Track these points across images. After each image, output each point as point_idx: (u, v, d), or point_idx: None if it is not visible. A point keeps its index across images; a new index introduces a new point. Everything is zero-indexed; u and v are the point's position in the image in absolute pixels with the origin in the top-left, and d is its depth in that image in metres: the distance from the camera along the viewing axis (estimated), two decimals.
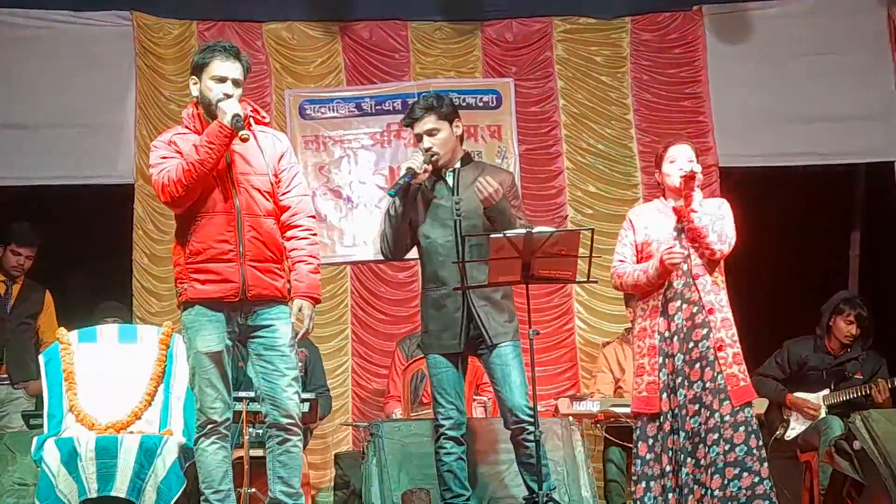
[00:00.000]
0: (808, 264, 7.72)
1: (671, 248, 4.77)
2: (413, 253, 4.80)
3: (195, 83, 4.47)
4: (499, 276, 4.70)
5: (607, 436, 6.18)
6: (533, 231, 4.59)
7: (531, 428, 4.78)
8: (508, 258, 4.61)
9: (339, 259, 7.75)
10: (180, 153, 4.36)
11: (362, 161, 7.83)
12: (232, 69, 4.42)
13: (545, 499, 4.65)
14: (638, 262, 4.94)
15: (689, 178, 4.76)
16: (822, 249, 7.81)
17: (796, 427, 6.31)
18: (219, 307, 4.36)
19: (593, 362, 7.17)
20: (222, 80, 4.40)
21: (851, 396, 6.18)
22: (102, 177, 7.56)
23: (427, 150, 4.94)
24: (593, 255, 4.60)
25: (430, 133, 4.97)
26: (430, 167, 4.94)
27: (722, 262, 4.86)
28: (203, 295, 4.35)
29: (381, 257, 7.47)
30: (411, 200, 4.97)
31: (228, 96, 4.37)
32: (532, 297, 5.52)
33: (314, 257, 4.54)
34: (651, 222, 4.94)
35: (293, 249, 4.51)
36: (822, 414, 6.22)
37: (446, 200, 4.98)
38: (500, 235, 4.59)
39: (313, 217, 4.65)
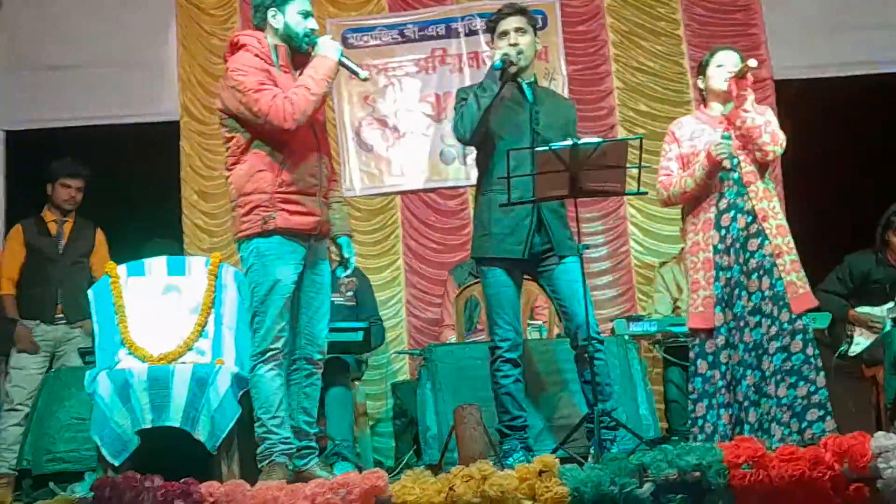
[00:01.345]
0: (869, 176, 7.50)
1: (720, 143, 4.64)
2: (460, 180, 4.75)
3: (274, 15, 4.50)
4: (546, 191, 4.59)
5: (667, 356, 6.08)
6: (579, 143, 4.46)
7: (599, 346, 4.71)
8: (555, 171, 4.50)
9: (388, 189, 7.69)
10: (276, 83, 4.38)
11: (407, 89, 7.74)
12: (310, 4, 4.56)
13: (601, 415, 4.57)
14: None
15: (741, 76, 4.61)
16: (882, 160, 7.56)
17: (861, 342, 6.17)
18: (299, 239, 4.44)
19: (650, 284, 7.05)
20: (308, 14, 4.50)
21: None
22: (148, 115, 7.54)
23: (514, 44, 4.84)
24: (643, 164, 4.48)
25: (519, 31, 4.87)
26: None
27: (774, 169, 4.71)
28: (290, 225, 4.41)
29: (430, 185, 7.65)
30: (501, 90, 4.82)
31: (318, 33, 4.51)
32: (585, 220, 5.47)
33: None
34: (696, 132, 4.80)
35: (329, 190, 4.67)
36: (887, 327, 6.07)
37: (524, 109, 4.86)
38: (546, 149, 4.47)
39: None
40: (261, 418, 4.44)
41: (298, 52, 4.54)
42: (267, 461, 4.40)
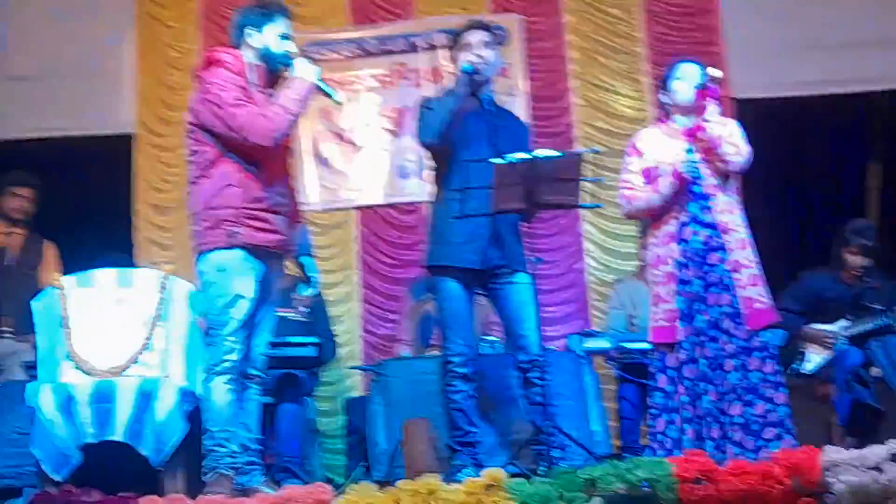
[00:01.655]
0: (826, 197, 7.54)
1: (686, 162, 4.63)
2: (418, 196, 4.71)
3: (251, 35, 4.49)
4: (501, 204, 4.55)
5: (621, 373, 6.04)
6: (537, 155, 4.44)
7: (542, 366, 4.67)
8: (512, 184, 4.47)
9: (345, 203, 7.62)
10: (252, 102, 4.37)
11: (366, 103, 7.67)
12: (289, 27, 4.57)
13: (550, 432, 4.52)
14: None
15: (704, 87, 4.60)
16: (839, 181, 7.61)
17: (813, 359, 6.16)
18: (261, 257, 4.42)
19: (605, 301, 7.02)
20: (286, 36, 4.51)
21: (870, 326, 6.01)
22: (102, 127, 7.45)
23: (479, 56, 4.83)
24: (599, 178, 4.47)
25: (484, 44, 4.87)
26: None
27: (738, 181, 4.69)
28: (254, 241, 4.38)
29: (388, 201, 7.59)
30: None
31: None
32: (540, 236, 5.43)
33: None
34: (659, 145, 4.78)
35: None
36: (840, 345, 6.06)
37: (484, 121, 4.86)
38: (503, 161, 4.44)
39: None
40: (210, 430, 4.37)
41: (273, 72, 4.55)
42: (213, 472, 4.30)
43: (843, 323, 6.11)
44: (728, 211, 4.68)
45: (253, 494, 3.85)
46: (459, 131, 4.81)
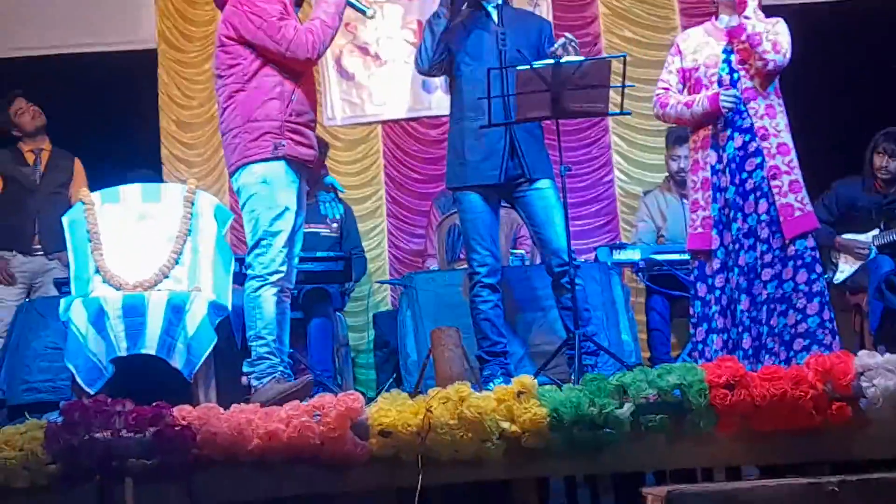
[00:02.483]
0: (860, 105, 7.38)
1: (729, 90, 4.53)
2: (442, 109, 4.69)
3: None
4: (527, 112, 4.51)
5: (650, 284, 6.01)
6: (561, 61, 4.37)
7: (574, 271, 4.65)
8: (537, 91, 4.41)
9: (370, 118, 7.57)
10: (292, 17, 4.46)
11: (389, 15, 7.58)
12: None
13: (582, 339, 4.52)
14: (684, 89, 4.71)
15: None
16: (875, 89, 7.44)
17: (846, 269, 6.10)
18: (300, 170, 4.50)
19: (634, 213, 6.98)
20: None
21: None
22: (124, 43, 7.40)
23: None
24: (627, 84, 4.40)
25: None
26: None
27: (778, 83, 4.60)
28: (297, 154, 4.46)
29: (412, 115, 7.54)
30: (455, 16, 4.76)
31: None
32: (569, 149, 5.39)
33: None
34: (700, 45, 4.69)
35: None
36: (872, 254, 6.01)
37: (489, 31, 4.78)
38: (527, 67, 4.38)
39: None
40: (264, 338, 4.46)
41: None
42: (269, 377, 4.41)
43: (874, 232, 6.05)
44: (768, 115, 4.59)
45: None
46: (462, 46, 4.78)
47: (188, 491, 3.54)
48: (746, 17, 4.53)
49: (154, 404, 3.65)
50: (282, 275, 4.47)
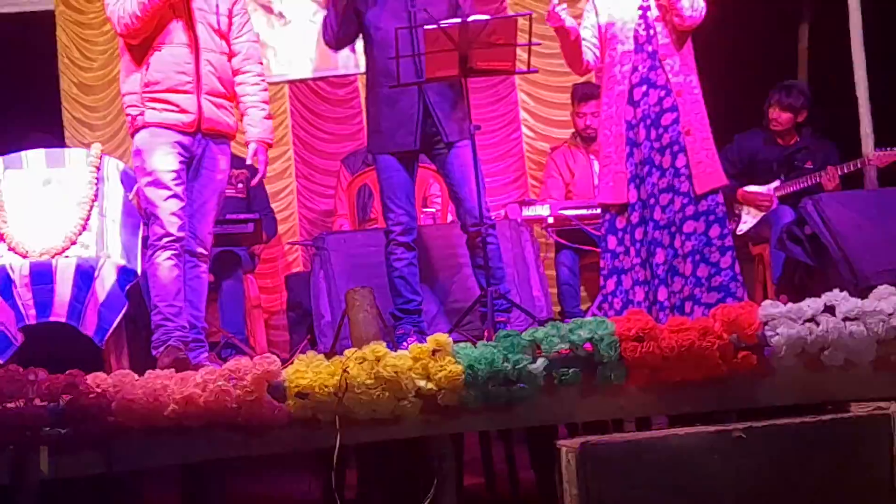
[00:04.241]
0: (758, 59, 7.52)
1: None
2: (352, 68, 4.69)
3: None
4: (436, 71, 4.52)
5: (558, 239, 6.09)
6: (468, 20, 4.39)
7: (491, 230, 4.73)
8: (445, 51, 4.43)
9: (276, 78, 7.44)
10: None
11: None
12: None
13: (496, 296, 4.57)
14: (601, 47, 4.76)
15: None
16: (770, 44, 7.59)
17: (748, 221, 6.25)
18: (175, 132, 4.50)
19: (542, 170, 7.04)
20: None
21: (802, 186, 6.11)
22: (21, 3, 7.20)
23: None
24: (533, 42, 4.43)
25: None
26: None
27: (691, 42, 4.68)
28: (160, 121, 4.48)
29: (319, 74, 7.49)
30: None
31: None
32: (476, 106, 5.40)
33: (266, 103, 4.80)
34: (615, 1, 4.73)
35: (245, 95, 4.73)
36: (774, 205, 6.16)
37: None
38: (434, 27, 4.38)
39: (262, 64, 4.85)
40: (157, 306, 4.49)
41: None
42: (163, 346, 4.42)
43: (775, 184, 6.20)
44: (683, 72, 4.67)
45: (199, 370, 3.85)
46: (372, 12, 4.76)
47: (105, 458, 3.52)
48: None
49: (67, 373, 3.61)
50: (173, 238, 4.49)
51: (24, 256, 4.75)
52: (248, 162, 4.78)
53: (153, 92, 4.50)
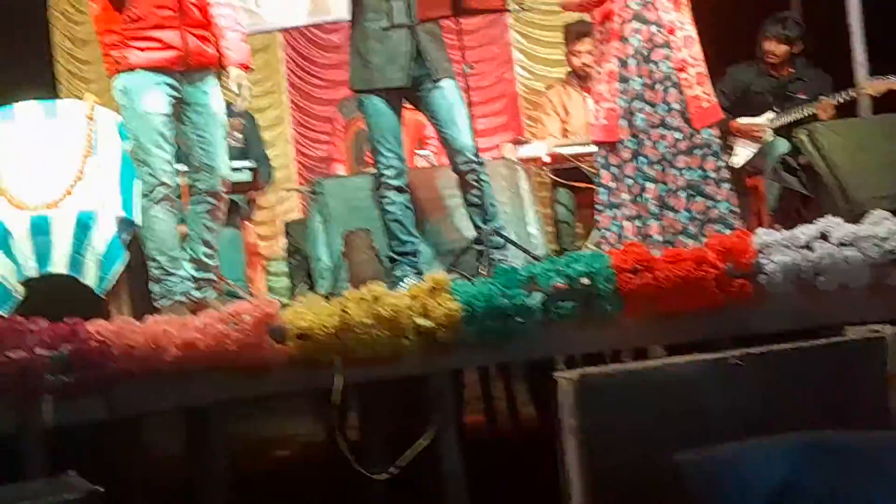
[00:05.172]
0: None
1: None
2: (345, 14, 4.59)
3: None
4: (428, 12, 4.51)
5: (554, 177, 6.10)
6: None
7: (479, 168, 4.70)
8: None
9: (269, 26, 7.46)
10: None
11: None
12: None
13: (490, 233, 4.59)
14: None
15: None
16: None
17: (743, 153, 6.25)
18: (164, 72, 4.35)
19: (536, 109, 7.03)
20: None
21: (796, 117, 6.09)
22: None
23: None
24: None
25: None
26: None
27: None
28: (145, 61, 4.32)
29: (312, 20, 7.46)
30: None
31: None
32: (469, 47, 5.38)
33: (241, 24, 4.59)
34: None
35: (220, 17, 4.50)
36: (769, 137, 6.16)
37: None
38: None
39: None
40: (157, 259, 4.44)
41: None
42: (168, 301, 4.40)
43: (769, 115, 6.20)
44: (674, 9, 4.65)
45: (203, 310, 3.88)
46: None
47: (107, 404, 3.55)
48: None
49: (68, 321, 3.63)
50: (165, 188, 4.40)
51: (22, 210, 4.77)
52: (233, 88, 4.58)
53: (135, 30, 4.35)
